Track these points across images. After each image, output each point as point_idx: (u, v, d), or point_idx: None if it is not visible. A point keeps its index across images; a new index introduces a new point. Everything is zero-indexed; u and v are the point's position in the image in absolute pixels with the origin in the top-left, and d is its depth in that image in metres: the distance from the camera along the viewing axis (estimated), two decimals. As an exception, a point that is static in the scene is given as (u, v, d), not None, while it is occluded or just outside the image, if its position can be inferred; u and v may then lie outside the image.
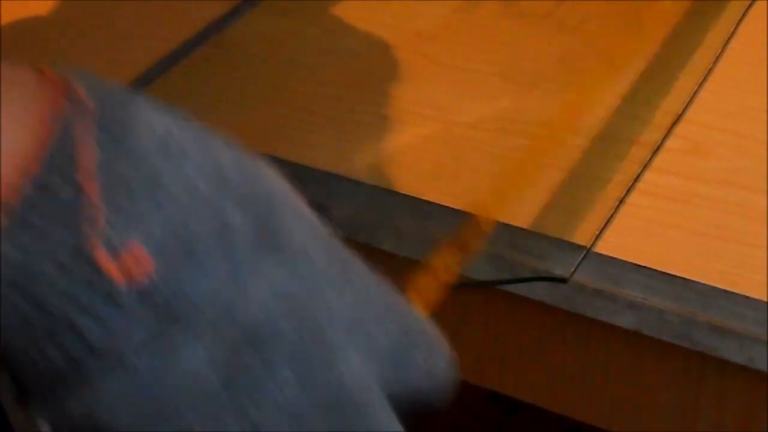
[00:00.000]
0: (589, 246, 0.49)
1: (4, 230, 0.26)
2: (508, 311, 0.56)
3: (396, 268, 0.54)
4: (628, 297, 0.48)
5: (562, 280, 0.48)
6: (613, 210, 0.51)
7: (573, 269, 0.48)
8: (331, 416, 0.29)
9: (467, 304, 0.57)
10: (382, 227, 0.53)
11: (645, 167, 0.54)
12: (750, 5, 0.64)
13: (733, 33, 0.62)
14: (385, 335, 0.33)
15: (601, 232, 0.50)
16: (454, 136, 0.57)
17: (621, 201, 0.52)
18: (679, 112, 0.57)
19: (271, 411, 0.28)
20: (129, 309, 0.27)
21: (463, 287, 0.55)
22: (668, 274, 0.48)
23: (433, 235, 0.52)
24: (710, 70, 0.60)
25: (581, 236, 0.50)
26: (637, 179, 0.53)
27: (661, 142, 0.55)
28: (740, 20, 0.63)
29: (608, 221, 0.51)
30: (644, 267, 0.49)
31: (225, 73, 0.64)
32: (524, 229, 0.51)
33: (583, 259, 0.49)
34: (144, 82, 0.63)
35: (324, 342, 0.30)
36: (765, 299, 0.47)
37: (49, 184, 0.27)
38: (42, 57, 0.67)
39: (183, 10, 0.70)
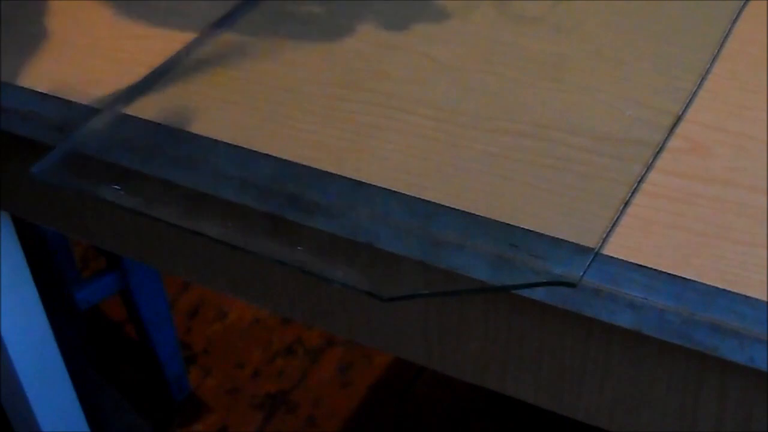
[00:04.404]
0: (597, 248, 0.49)
1: None
2: (509, 311, 0.56)
3: (396, 268, 0.54)
4: (628, 297, 0.48)
5: (571, 285, 0.48)
6: (619, 212, 0.51)
7: (582, 273, 0.48)
8: None
9: (467, 304, 0.57)
10: (382, 227, 0.53)
11: (649, 168, 0.54)
12: (744, 4, 0.64)
13: (729, 32, 0.62)
14: None
15: (608, 234, 0.50)
16: (454, 136, 0.57)
17: (627, 203, 0.52)
18: (679, 112, 0.57)
19: None
20: None
21: (473, 292, 0.55)
22: (668, 274, 0.48)
23: (433, 235, 0.52)
24: (708, 70, 0.60)
25: (582, 236, 0.50)
26: (641, 180, 0.53)
27: (662, 142, 0.55)
28: (735, 19, 0.63)
29: (615, 223, 0.51)
30: (644, 267, 0.49)
31: (226, 73, 0.64)
32: (527, 230, 0.51)
33: (591, 261, 0.49)
34: (146, 83, 0.63)
35: None
36: (765, 299, 0.47)
37: None
38: (43, 57, 0.67)
39: (183, 10, 0.70)
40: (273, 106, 0.61)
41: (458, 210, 0.53)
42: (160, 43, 0.66)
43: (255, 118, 0.60)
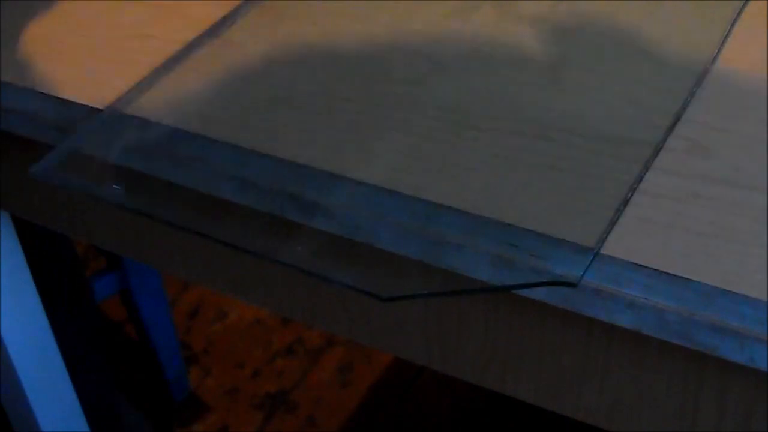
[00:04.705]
0: (596, 248, 0.49)
1: None
2: (509, 311, 0.56)
3: (396, 268, 0.54)
4: (628, 297, 0.48)
5: (571, 285, 0.48)
6: (619, 212, 0.51)
7: (582, 273, 0.48)
8: None
9: (467, 304, 0.57)
10: (382, 227, 0.53)
11: (649, 168, 0.54)
12: (744, 4, 0.64)
13: (729, 32, 0.62)
14: None
15: (607, 234, 0.50)
16: (454, 136, 0.57)
17: (626, 203, 0.52)
18: (680, 113, 0.57)
19: None
20: None
21: (473, 292, 0.55)
22: (668, 274, 0.48)
23: (433, 235, 0.52)
24: (708, 70, 0.60)
25: (582, 236, 0.50)
26: (641, 180, 0.53)
27: (662, 142, 0.55)
28: (736, 19, 0.63)
29: (615, 223, 0.50)
30: (644, 267, 0.49)
31: (226, 73, 0.64)
32: (527, 230, 0.51)
33: (592, 261, 0.49)
34: (146, 83, 0.63)
35: None
36: (765, 299, 0.47)
37: None
38: (43, 57, 0.67)
39: (183, 10, 0.70)
40: (272, 106, 0.61)
41: (458, 210, 0.53)
42: (160, 43, 0.66)
43: (255, 118, 0.60)
